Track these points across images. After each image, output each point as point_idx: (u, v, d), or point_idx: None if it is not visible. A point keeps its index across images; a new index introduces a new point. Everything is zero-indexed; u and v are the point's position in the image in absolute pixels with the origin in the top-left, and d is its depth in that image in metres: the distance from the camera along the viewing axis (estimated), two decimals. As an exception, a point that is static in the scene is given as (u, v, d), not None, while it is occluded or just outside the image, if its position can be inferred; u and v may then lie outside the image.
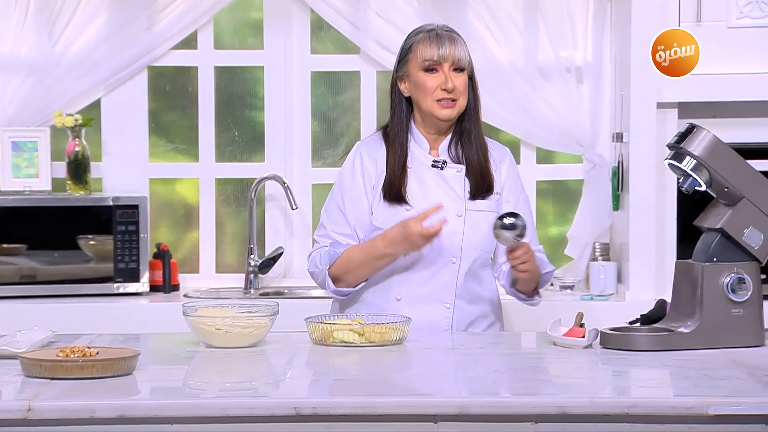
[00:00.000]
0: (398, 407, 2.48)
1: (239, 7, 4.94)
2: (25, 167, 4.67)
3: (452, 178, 3.39)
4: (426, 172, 3.39)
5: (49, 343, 3.01)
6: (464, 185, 3.39)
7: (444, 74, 3.34)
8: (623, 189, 4.71)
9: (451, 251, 3.36)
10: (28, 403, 2.41)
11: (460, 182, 3.39)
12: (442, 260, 3.36)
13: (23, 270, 4.53)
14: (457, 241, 3.36)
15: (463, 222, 3.36)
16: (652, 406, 2.49)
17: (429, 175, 3.39)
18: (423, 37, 3.38)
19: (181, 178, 4.99)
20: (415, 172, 3.39)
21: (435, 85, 3.34)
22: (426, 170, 3.40)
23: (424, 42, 3.37)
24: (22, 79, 4.71)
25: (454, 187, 3.39)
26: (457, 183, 3.39)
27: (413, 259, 3.35)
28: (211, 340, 3.04)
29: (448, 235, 3.33)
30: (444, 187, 3.38)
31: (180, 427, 2.45)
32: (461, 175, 3.40)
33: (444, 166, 3.40)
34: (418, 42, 3.38)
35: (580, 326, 3.09)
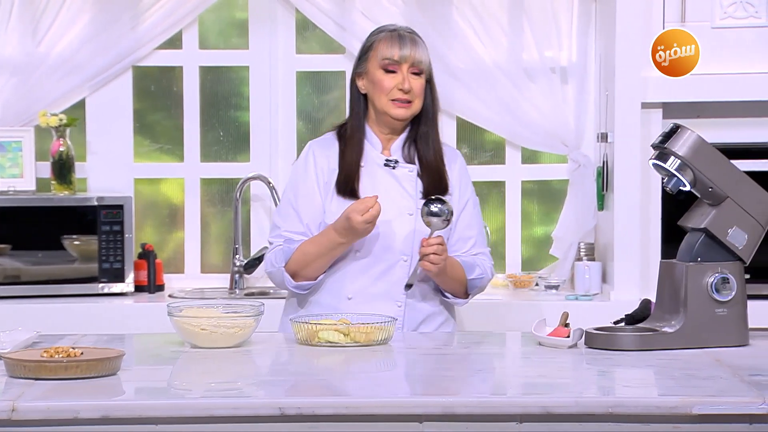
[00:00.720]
0: (383, 407, 2.48)
1: (224, 6, 4.94)
2: (9, 167, 4.66)
3: (404, 178, 3.40)
4: (378, 171, 3.40)
5: (33, 343, 3.00)
6: (416, 185, 3.40)
7: (402, 75, 3.35)
8: (608, 189, 4.72)
9: (402, 249, 3.37)
10: (12, 403, 2.41)
11: (412, 182, 3.40)
12: (392, 258, 3.36)
13: (7, 270, 4.52)
14: (408, 240, 3.36)
15: (414, 221, 3.36)
16: (637, 405, 2.49)
17: (381, 174, 3.40)
18: (385, 36, 3.38)
19: (166, 178, 4.98)
20: (367, 170, 3.40)
21: (392, 84, 3.35)
22: (378, 169, 3.41)
23: (386, 41, 3.37)
24: (5, 79, 4.69)
25: (406, 187, 3.39)
26: (408, 182, 3.40)
27: (365, 257, 3.35)
28: (196, 341, 3.04)
29: (399, 234, 3.34)
30: (395, 186, 3.39)
31: (164, 428, 2.45)
32: (413, 174, 3.41)
33: (396, 166, 3.41)
34: (380, 40, 3.38)
35: (565, 326, 3.10)
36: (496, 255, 4.94)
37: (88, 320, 4.32)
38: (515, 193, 4.99)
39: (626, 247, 4.57)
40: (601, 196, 4.76)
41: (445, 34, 4.79)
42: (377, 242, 3.34)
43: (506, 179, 4.99)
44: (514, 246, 5.00)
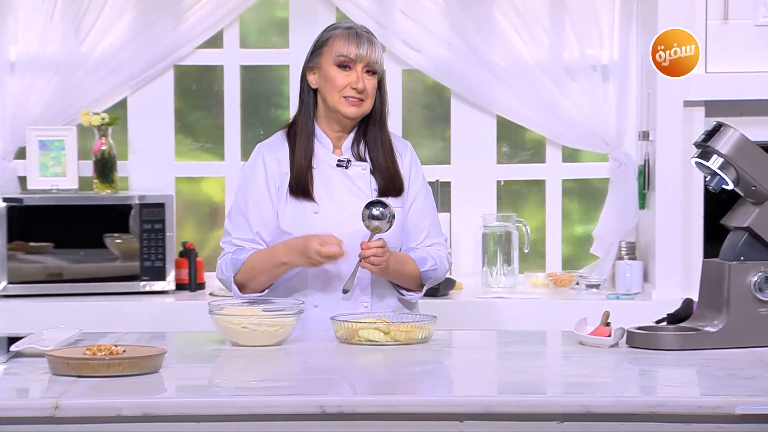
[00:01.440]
0: (423, 406, 2.48)
1: (265, 6, 4.95)
2: (52, 166, 4.69)
3: (357, 177, 3.35)
4: (330, 172, 3.34)
5: (75, 341, 3.02)
6: (370, 183, 3.35)
7: (356, 74, 3.29)
8: (649, 188, 4.69)
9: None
10: (55, 401, 2.42)
11: (366, 180, 3.35)
12: (353, 260, 3.29)
13: (50, 268, 4.55)
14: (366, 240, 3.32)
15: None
16: (679, 405, 2.48)
17: (334, 175, 3.34)
18: (341, 33, 3.31)
19: (206, 177, 5.00)
20: (319, 172, 3.33)
21: (345, 82, 3.29)
22: (330, 170, 3.34)
23: (342, 38, 3.31)
24: (48, 78, 4.73)
25: (360, 186, 3.34)
26: (362, 181, 3.35)
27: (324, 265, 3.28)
28: (237, 339, 3.05)
29: (357, 235, 3.24)
30: (350, 186, 3.34)
31: (205, 426, 2.46)
32: (366, 173, 3.35)
33: (348, 165, 3.35)
34: (336, 37, 3.31)
35: (606, 325, 3.08)
36: (536, 254, 4.95)
37: (129, 318, 4.35)
38: (555, 191, 4.98)
39: (668, 245, 4.54)
40: (642, 194, 4.74)
41: (486, 32, 4.78)
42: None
43: (546, 178, 4.98)
44: (554, 245, 4.98)
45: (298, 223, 3.30)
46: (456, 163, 4.98)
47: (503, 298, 4.60)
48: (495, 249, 4.80)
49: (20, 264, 4.51)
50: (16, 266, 4.50)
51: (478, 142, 4.95)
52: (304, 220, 3.30)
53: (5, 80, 4.72)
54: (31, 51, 4.72)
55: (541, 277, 4.87)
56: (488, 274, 4.80)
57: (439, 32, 4.80)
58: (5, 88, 4.72)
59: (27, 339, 2.94)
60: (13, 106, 4.73)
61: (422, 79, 4.95)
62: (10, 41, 4.73)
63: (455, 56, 4.80)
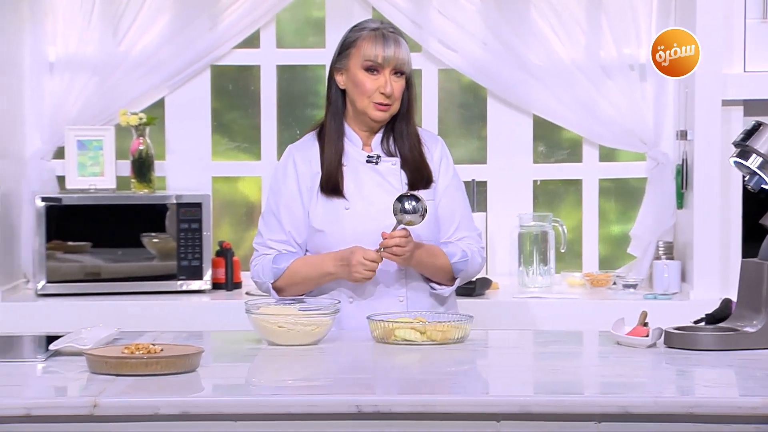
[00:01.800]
0: (460, 406, 2.48)
1: (301, 5, 4.96)
2: (90, 166, 4.72)
3: (388, 172, 3.35)
4: (361, 168, 3.35)
5: (114, 340, 3.03)
6: (401, 177, 3.35)
7: (384, 77, 3.28)
8: (687, 187, 4.67)
9: None
10: (94, 399, 2.44)
11: (396, 175, 3.35)
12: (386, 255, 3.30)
13: (88, 268, 4.58)
14: None
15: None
16: (717, 405, 2.46)
17: (364, 171, 3.35)
18: (368, 35, 3.30)
19: (243, 177, 5.02)
20: (350, 169, 3.34)
21: (374, 87, 3.28)
22: (361, 166, 3.35)
23: (369, 40, 3.29)
24: (87, 78, 4.76)
25: (391, 181, 3.34)
26: (393, 176, 3.35)
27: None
28: (274, 338, 3.05)
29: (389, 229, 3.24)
30: (380, 181, 3.34)
31: (242, 425, 2.46)
32: (396, 167, 3.36)
33: (378, 161, 3.36)
34: (363, 38, 3.30)
35: (643, 325, 3.07)
36: (573, 253, 4.93)
37: (166, 317, 4.37)
38: (592, 191, 4.96)
39: (706, 245, 4.52)
40: (680, 194, 4.71)
41: (523, 32, 4.77)
42: (370, 240, 3.26)
43: (583, 177, 4.96)
44: (591, 245, 4.97)
45: (329, 221, 3.31)
46: (492, 162, 4.97)
47: (539, 298, 4.59)
48: (531, 249, 4.79)
49: (59, 263, 4.55)
50: (54, 265, 4.53)
51: (514, 141, 4.94)
52: (335, 217, 3.31)
53: (44, 81, 4.75)
54: (70, 51, 4.76)
55: (577, 277, 4.85)
56: (524, 274, 4.79)
57: (475, 32, 4.79)
58: (44, 89, 4.75)
59: (65, 338, 2.95)
60: (52, 107, 4.76)
61: (458, 78, 4.95)
62: (49, 42, 4.76)
63: (491, 56, 4.79)
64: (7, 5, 4.61)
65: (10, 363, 2.85)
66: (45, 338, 3.15)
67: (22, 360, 2.90)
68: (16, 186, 4.71)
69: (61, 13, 4.75)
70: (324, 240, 3.32)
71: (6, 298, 4.50)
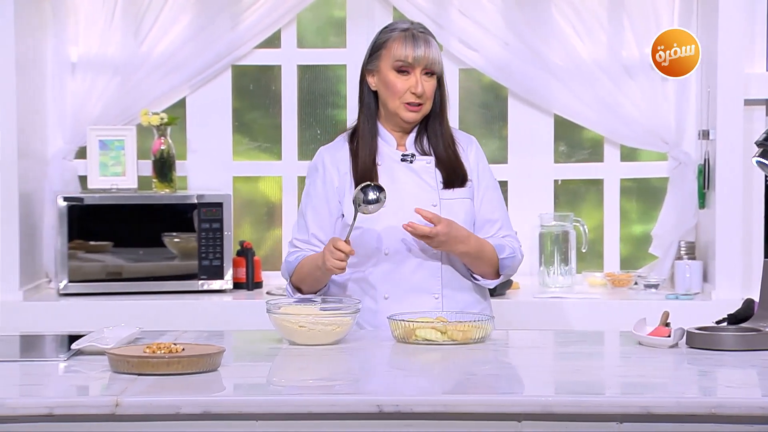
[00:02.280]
0: (481, 405, 2.47)
1: (322, 5, 4.97)
2: (111, 165, 4.74)
3: (423, 170, 3.36)
4: (396, 167, 3.36)
5: (135, 339, 3.04)
6: (435, 175, 3.36)
7: (415, 77, 3.29)
8: (709, 187, 4.65)
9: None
10: (115, 398, 2.45)
11: (431, 173, 3.36)
12: (422, 252, 3.31)
13: (110, 267, 4.59)
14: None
15: (439, 211, 3.31)
16: (739, 406, 2.45)
17: (399, 169, 3.36)
18: (398, 36, 3.31)
19: (264, 176, 5.02)
20: (384, 168, 3.36)
21: (405, 87, 3.30)
22: (395, 165, 3.37)
23: (399, 41, 3.31)
24: (108, 78, 4.78)
25: (426, 179, 3.36)
26: (428, 174, 3.36)
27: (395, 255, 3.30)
28: (295, 338, 3.06)
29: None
30: (415, 179, 3.35)
31: (263, 424, 2.47)
32: (431, 166, 3.37)
33: (413, 159, 3.37)
34: (393, 39, 3.31)
35: (665, 325, 3.06)
36: (594, 253, 4.92)
37: (187, 317, 4.38)
38: (614, 191, 4.95)
39: (728, 245, 4.50)
40: (702, 194, 4.69)
41: (544, 31, 4.76)
42: (405, 238, 3.30)
43: (604, 177, 4.95)
44: (612, 244, 4.95)
45: (366, 218, 3.31)
46: (513, 162, 4.96)
47: (561, 298, 4.58)
48: (552, 248, 4.78)
49: (80, 263, 4.56)
50: (76, 265, 4.55)
51: (535, 141, 4.93)
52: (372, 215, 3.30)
53: (66, 81, 4.77)
54: (92, 52, 4.77)
55: (599, 276, 4.84)
56: (545, 274, 4.78)
57: (496, 31, 4.79)
58: (66, 89, 4.77)
59: (87, 337, 2.96)
60: (73, 107, 4.78)
61: (479, 78, 4.94)
62: (71, 42, 4.78)
63: (512, 55, 4.78)
64: (29, 6, 4.63)
65: (32, 362, 2.86)
66: (67, 337, 3.16)
67: (44, 359, 2.91)
68: (39, 186, 4.73)
69: (83, 13, 4.77)
70: (361, 238, 3.32)
71: (28, 297, 4.52)
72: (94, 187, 4.72)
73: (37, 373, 2.73)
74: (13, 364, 2.84)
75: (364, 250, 3.31)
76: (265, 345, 3.11)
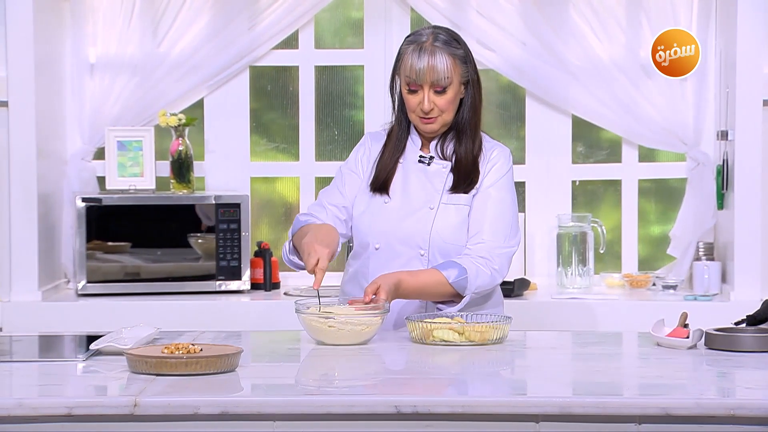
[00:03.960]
0: (499, 406, 2.47)
1: (340, 6, 4.97)
2: (130, 166, 4.75)
3: (435, 174, 3.37)
4: (411, 167, 3.38)
5: (154, 339, 3.05)
6: (445, 180, 3.37)
7: (423, 94, 3.29)
8: (728, 188, 4.63)
9: (420, 244, 3.32)
10: (134, 398, 2.45)
11: (442, 177, 3.36)
12: (410, 252, 3.31)
13: (128, 268, 4.60)
14: (425, 233, 3.32)
15: (433, 214, 3.32)
16: (759, 407, 2.44)
17: (413, 170, 3.38)
18: (410, 50, 3.30)
19: (281, 177, 5.03)
20: (403, 167, 3.39)
21: (416, 104, 3.31)
22: (412, 165, 3.39)
23: (408, 57, 3.30)
24: (127, 79, 4.79)
25: (434, 182, 3.36)
26: (438, 178, 3.36)
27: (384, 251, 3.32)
28: (323, 337, 3.05)
29: (417, 228, 3.30)
30: (424, 181, 3.37)
31: (281, 425, 2.47)
32: (446, 171, 3.37)
33: (431, 162, 3.38)
34: (406, 53, 3.31)
35: (684, 326, 3.05)
36: (612, 254, 4.91)
37: (205, 317, 4.39)
38: (632, 191, 4.93)
39: (747, 246, 4.49)
40: (720, 194, 4.68)
41: (562, 31, 4.75)
42: (396, 236, 3.31)
43: (622, 178, 4.94)
44: (630, 245, 4.94)
45: (368, 211, 3.36)
46: (531, 162, 4.96)
47: (578, 299, 4.57)
48: (570, 249, 4.77)
49: (99, 263, 4.57)
50: (94, 265, 4.56)
51: (553, 141, 4.92)
52: (374, 208, 3.35)
53: (85, 82, 4.78)
54: (110, 52, 4.78)
55: (616, 277, 4.83)
56: (563, 275, 4.77)
57: (514, 32, 4.78)
58: (85, 90, 4.78)
59: (106, 337, 2.97)
60: (92, 107, 4.79)
61: (497, 78, 4.93)
62: (90, 43, 4.79)
63: (530, 55, 4.78)
64: (48, 7, 4.65)
65: (51, 363, 2.87)
66: (85, 338, 3.17)
67: (63, 359, 2.92)
68: (57, 186, 4.74)
69: (101, 14, 4.78)
70: (357, 228, 3.37)
71: (47, 297, 4.53)
72: (112, 187, 4.73)
73: (55, 373, 2.74)
74: (32, 364, 2.85)
75: (359, 241, 3.36)
76: (283, 345, 3.12)
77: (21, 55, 4.46)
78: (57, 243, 4.74)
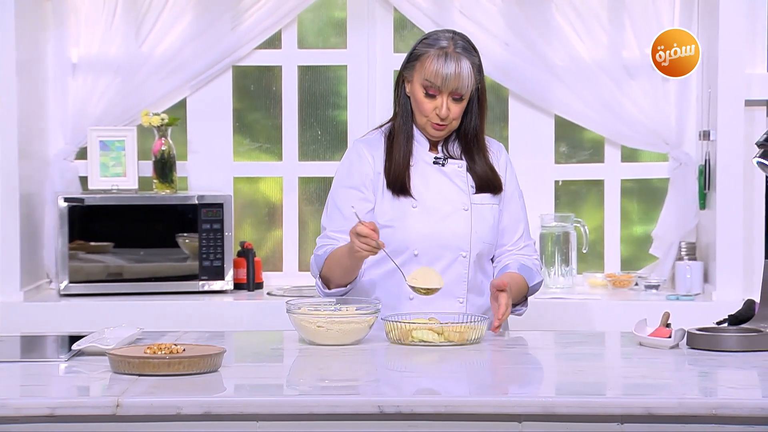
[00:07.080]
0: (482, 406, 2.47)
1: (323, 6, 4.97)
2: (112, 166, 4.74)
3: (454, 174, 3.38)
4: (428, 169, 3.38)
5: (136, 340, 3.04)
6: (467, 180, 3.38)
7: (441, 100, 3.29)
8: (710, 188, 4.65)
9: (460, 245, 3.34)
10: (116, 399, 2.45)
11: (463, 177, 3.38)
12: (451, 255, 3.33)
13: (110, 268, 4.59)
14: (465, 235, 3.34)
15: (470, 215, 3.34)
16: (740, 407, 2.45)
17: (431, 171, 3.38)
18: (434, 54, 3.28)
19: (264, 177, 5.02)
20: (417, 169, 3.37)
21: (431, 108, 3.30)
22: (427, 167, 3.38)
23: (431, 61, 3.27)
24: (109, 79, 4.77)
25: (457, 182, 3.37)
26: (459, 178, 3.38)
27: (423, 256, 3.31)
28: (313, 338, 3.05)
29: (456, 230, 3.32)
30: (447, 182, 3.37)
31: (264, 425, 2.47)
32: (462, 170, 3.39)
33: (445, 163, 3.39)
34: (428, 56, 3.28)
35: (666, 326, 3.06)
36: (594, 254, 4.92)
37: (188, 317, 4.38)
38: (614, 191, 4.94)
39: (729, 246, 4.50)
40: (703, 194, 4.69)
41: (545, 31, 4.76)
42: (435, 240, 3.31)
43: (605, 178, 4.95)
44: (613, 245, 4.95)
45: (396, 217, 3.34)
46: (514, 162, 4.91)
47: (561, 299, 4.58)
48: (553, 249, 4.78)
49: (81, 263, 4.56)
50: (77, 265, 4.55)
51: (536, 141, 4.93)
52: (402, 213, 3.33)
53: (67, 82, 4.77)
54: (93, 52, 4.77)
55: (599, 277, 4.84)
56: (546, 275, 4.78)
57: (497, 32, 4.79)
58: (67, 90, 4.77)
59: (88, 338, 2.96)
60: (74, 107, 4.78)
61: (480, 78, 4.93)
62: (72, 43, 4.78)
63: (513, 56, 4.78)
64: (30, 7, 4.63)
65: (33, 363, 2.86)
66: (68, 338, 3.16)
67: (45, 360, 2.91)
68: (40, 186, 4.73)
69: (83, 14, 4.77)
70: (391, 236, 3.31)
71: (29, 298, 4.52)
72: (94, 187, 4.72)
73: (38, 373, 2.73)
74: (14, 364, 2.84)
75: (393, 249, 3.28)
76: (267, 345, 3.12)
77: (3, 55, 4.44)
78: (39, 243, 4.72)
